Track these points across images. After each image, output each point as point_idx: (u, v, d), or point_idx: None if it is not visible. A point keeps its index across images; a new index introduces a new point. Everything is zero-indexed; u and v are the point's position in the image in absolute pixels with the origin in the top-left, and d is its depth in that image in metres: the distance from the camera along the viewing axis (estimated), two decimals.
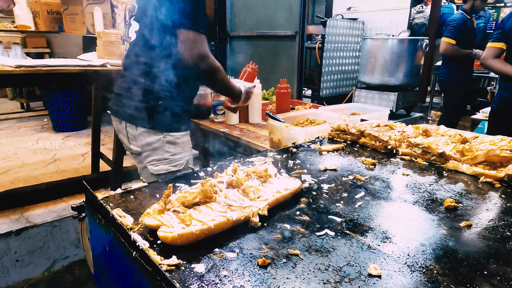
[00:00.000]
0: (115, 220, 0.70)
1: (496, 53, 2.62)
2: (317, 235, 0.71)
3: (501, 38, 2.60)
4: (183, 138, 1.59)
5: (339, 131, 1.37)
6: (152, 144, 1.52)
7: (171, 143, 1.54)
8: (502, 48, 2.61)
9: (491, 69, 2.71)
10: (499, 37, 2.61)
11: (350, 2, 5.01)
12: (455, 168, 1.05)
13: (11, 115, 5.30)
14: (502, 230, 0.73)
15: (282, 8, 3.08)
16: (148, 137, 1.51)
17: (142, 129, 1.51)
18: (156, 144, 1.52)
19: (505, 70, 2.55)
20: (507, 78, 2.57)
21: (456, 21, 3.77)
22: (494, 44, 2.64)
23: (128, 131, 1.55)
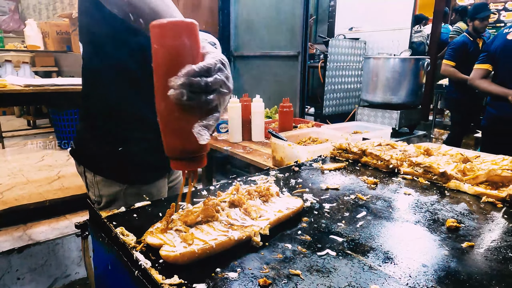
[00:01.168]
0: (118, 239, 0.70)
1: (483, 74, 2.81)
2: (319, 255, 0.71)
3: (486, 60, 2.80)
4: (150, 189, 1.26)
5: (341, 150, 1.38)
6: (111, 196, 1.23)
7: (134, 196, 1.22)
8: (488, 69, 2.79)
9: (478, 89, 2.88)
10: (484, 59, 2.82)
11: (352, 23, 5.11)
12: (457, 187, 1.05)
13: (18, 132, 5.37)
14: (504, 251, 0.73)
15: (285, 29, 3.16)
16: (107, 187, 1.22)
17: (100, 178, 1.22)
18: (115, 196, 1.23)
19: (490, 90, 2.73)
20: (494, 98, 2.74)
21: (456, 44, 3.88)
22: (481, 65, 2.84)
23: (86, 176, 1.25)
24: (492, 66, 2.76)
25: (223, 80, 0.66)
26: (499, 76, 2.71)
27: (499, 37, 2.68)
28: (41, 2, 7.69)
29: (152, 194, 1.27)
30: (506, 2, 6.87)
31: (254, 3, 3.46)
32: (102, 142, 1.21)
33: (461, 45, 3.79)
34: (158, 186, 1.30)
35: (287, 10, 3.09)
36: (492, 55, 2.73)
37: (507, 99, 2.52)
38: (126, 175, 1.22)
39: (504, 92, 2.56)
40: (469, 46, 3.80)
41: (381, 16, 4.70)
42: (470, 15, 3.86)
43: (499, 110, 2.67)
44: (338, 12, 5.37)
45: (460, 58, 3.78)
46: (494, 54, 2.70)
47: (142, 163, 1.22)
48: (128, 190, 1.22)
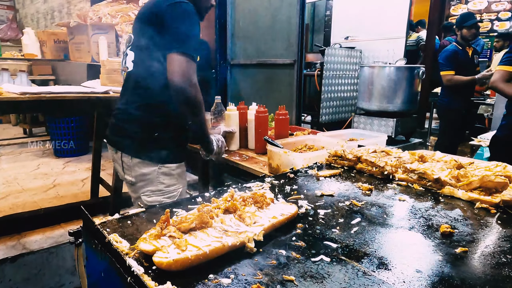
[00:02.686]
0: (111, 245, 0.70)
1: (507, 76, 2.54)
2: (313, 260, 0.71)
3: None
4: (177, 169, 1.57)
5: (336, 157, 1.39)
6: (147, 175, 1.51)
7: (166, 175, 1.53)
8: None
9: (502, 92, 2.61)
10: (509, 60, 2.55)
11: (347, 32, 5.17)
12: (451, 193, 1.05)
13: (13, 140, 5.35)
14: (498, 256, 0.73)
15: (281, 37, 3.19)
16: (143, 167, 1.50)
17: (138, 160, 1.50)
18: (151, 175, 1.51)
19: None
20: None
21: (446, 53, 3.88)
22: (505, 67, 2.56)
23: (123, 160, 1.54)
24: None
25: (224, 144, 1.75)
26: None
27: None
28: (39, 11, 7.74)
29: (180, 174, 1.58)
30: (499, 12, 6.98)
31: (250, 13, 3.49)
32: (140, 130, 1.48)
33: (452, 53, 3.82)
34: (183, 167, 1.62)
35: (283, 19, 3.12)
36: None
37: None
38: (159, 156, 1.49)
39: None
40: (460, 55, 3.83)
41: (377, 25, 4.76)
42: (458, 24, 3.89)
43: None
44: (334, 21, 5.44)
45: (455, 65, 3.80)
46: None
47: (172, 147, 1.52)
48: (161, 169, 1.50)
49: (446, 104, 4.00)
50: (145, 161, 1.50)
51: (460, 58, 3.82)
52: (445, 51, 3.89)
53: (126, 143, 1.53)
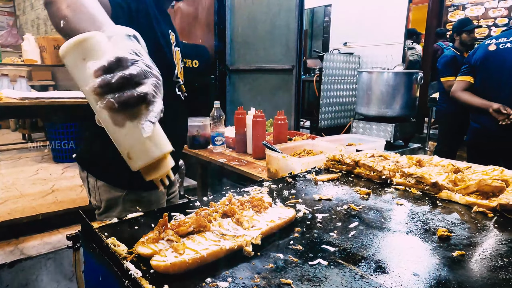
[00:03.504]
0: (109, 249, 0.70)
1: (465, 86, 2.74)
2: (310, 264, 0.71)
3: (468, 72, 2.74)
4: (150, 196, 1.31)
5: (334, 161, 1.39)
6: (111, 200, 1.28)
7: (133, 202, 1.27)
8: (469, 81, 2.73)
9: (459, 101, 2.81)
10: (466, 71, 2.75)
11: (346, 38, 5.21)
12: (449, 197, 1.06)
13: (12, 145, 5.35)
14: (495, 259, 0.73)
15: (280, 43, 3.21)
16: (108, 192, 1.28)
17: (102, 183, 1.27)
18: (115, 201, 1.28)
19: (471, 102, 2.66)
20: (475, 110, 2.67)
21: (445, 59, 3.91)
22: (462, 77, 2.78)
23: (89, 181, 1.31)
24: (473, 78, 2.70)
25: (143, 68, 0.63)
26: (479, 88, 2.66)
27: (481, 49, 2.65)
28: (40, 17, 7.78)
29: (151, 202, 1.30)
30: (496, 18, 7.04)
31: (249, 19, 3.52)
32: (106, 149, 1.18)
33: (452, 59, 3.85)
34: (158, 194, 1.34)
35: (282, 25, 3.15)
36: (472, 66, 2.68)
37: (488, 112, 2.45)
38: (126, 180, 1.25)
39: (485, 104, 2.49)
40: (458, 60, 3.86)
41: (375, 31, 4.81)
42: (457, 30, 3.92)
43: (481, 124, 2.62)
44: (333, 27, 5.49)
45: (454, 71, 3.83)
46: (474, 65, 2.66)
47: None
48: (128, 196, 1.27)
49: (445, 109, 4.02)
50: (110, 185, 1.27)
51: (459, 63, 3.84)
52: (444, 57, 3.92)
53: (92, 162, 1.31)
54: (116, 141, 0.69)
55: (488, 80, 2.60)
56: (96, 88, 0.58)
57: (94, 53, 0.62)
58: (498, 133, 2.49)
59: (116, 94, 0.59)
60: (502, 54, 2.49)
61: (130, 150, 0.68)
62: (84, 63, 0.62)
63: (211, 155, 2.37)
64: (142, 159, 0.69)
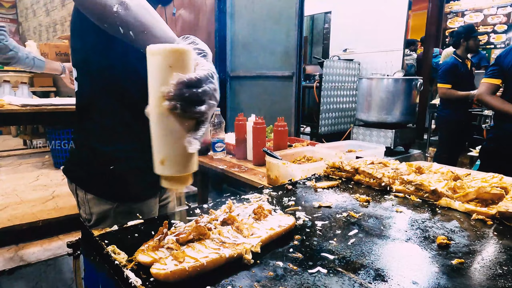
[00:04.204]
0: (109, 257, 0.70)
1: (492, 89, 2.59)
2: (310, 272, 0.71)
3: (498, 74, 2.57)
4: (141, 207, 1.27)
5: (334, 168, 1.40)
6: (101, 214, 1.24)
7: (124, 214, 1.23)
8: (498, 84, 2.58)
9: (488, 105, 2.66)
10: (495, 73, 2.59)
11: (346, 44, 5.25)
12: (448, 205, 1.06)
13: (13, 151, 5.36)
14: (494, 267, 0.74)
15: (280, 50, 3.23)
16: (97, 205, 1.24)
17: (91, 196, 1.23)
18: (105, 214, 1.24)
19: (503, 108, 2.51)
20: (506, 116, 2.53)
21: (445, 66, 3.94)
22: (490, 80, 2.61)
23: (78, 194, 1.27)
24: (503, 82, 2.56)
25: (211, 92, 0.71)
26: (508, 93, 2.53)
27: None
28: (42, 24, 7.84)
29: (143, 213, 1.26)
30: (495, 25, 7.08)
31: (249, 26, 3.55)
32: (94, 161, 1.22)
33: (451, 66, 3.86)
34: (149, 204, 1.31)
35: (282, 32, 3.18)
36: (504, 70, 2.52)
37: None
38: (116, 193, 1.22)
39: None
40: (459, 67, 3.87)
41: (374, 38, 4.84)
42: (465, 36, 3.88)
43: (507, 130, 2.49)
44: (333, 34, 5.53)
45: (453, 79, 3.84)
46: (506, 69, 2.50)
47: (133, 181, 1.21)
48: (118, 208, 1.23)
49: (446, 115, 4.04)
50: (99, 197, 1.23)
51: (459, 71, 3.86)
52: (445, 64, 3.95)
53: (80, 174, 1.26)
54: (156, 144, 0.72)
55: None
56: (170, 95, 0.66)
57: (183, 65, 0.69)
58: None
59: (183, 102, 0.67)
60: None
61: (166, 157, 0.71)
62: (169, 70, 0.67)
63: (211, 162, 2.38)
64: (175, 170, 0.73)
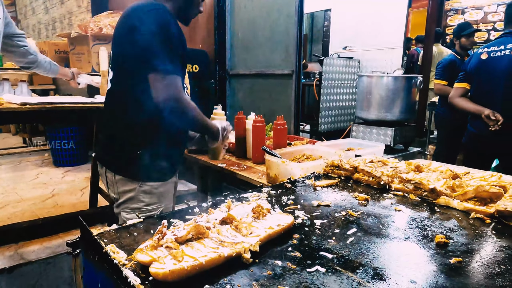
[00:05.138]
0: (108, 256, 0.71)
1: (461, 92, 2.86)
2: (308, 271, 0.71)
3: (464, 79, 2.84)
4: (160, 188, 1.53)
5: (333, 167, 1.40)
6: (128, 193, 1.49)
7: (147, 193, 1.50)
8: (466, 88, 2.84)
9: (456, 107, 2.93)
10: (462, 78, 2.87)
11: (346, 42, 5.23)
12: (447, 203, 1.06)
13: (13, 150, 5.35)
14: (492, 266, 0.74)
15: (279, 48, 3.22)
16: (124, 185, 1.49)
17: (119, 177, 1.49)
18: (132, 193, 1.49)
19: (467, 108, 2.77)
20: (471, 115, 2.78)
21: (443, 63, 3.96)
22: (459, 84, 2.90)
23: (107, 176, 1.53)
24: (469, 85, 2.82)
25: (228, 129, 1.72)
26: (474, 95, 2.78)
27: (474, 57, 2.76)
28: (41, 22, 7.82)
29: (162, 193, 1.53)
30: (495, 23, 7.06)
31: (249, 23, 3.54)
32: (122, 148, 1.48)
33: (449, 63, 3.87)
34: (167, 185, 1.57)
35: (281, 30, 3.16)
36: (468, 74, 2.80)
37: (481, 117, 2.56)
38: (140, 174, 1.47)
39: (479, 110, 2.60)
40: (457, 64, 3.86)
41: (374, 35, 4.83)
42: (456, 34, 3.95)
43: (476, 128, 2.72)
44: (333, 31, 5.51)
45: (450, 76, 3.84)
46: (470, 73, 2.78)
47: (154, 165, 1.46)
48: (142, 187, 1.48)
49: (444, 113, 4.03)
50: (126, 178, 1.48)
51: (456, 68, 3.85)
52: (443, 61, 3.96)
53: (109, 159, 1.53)
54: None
55: (481, 87, 2.72)
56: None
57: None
58: (490, 138, 2.60)
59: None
60: (493, 63, 2.60)
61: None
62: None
63: (210, 160, 2.38)
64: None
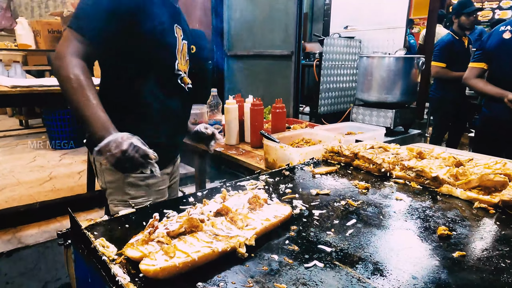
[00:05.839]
0: (97, 252, 0.68)
1: (477, 72, 2.69)
2: (306, 266, 0.68)
3: (482, 58, 2.66)
4: (146, 180, 1.37)
5: (333, 153, 1.36)
6: (113, 183, 1.37)
7: (132, 185, 1.36)
8: (483, 68, 2.66)
9: (473, 89, 2.78)
10: (479, 57, 2.68)
11: (347, 21, 5.09)
12: (449, 192, 1.03)
13: (9, 132, 5.30)
14: (496, 261, 0.71)
15: (279, 28, 3.12)
16: (110, 174, 1.37)
17: (105, 166, 1.36)
18: (117, 184, 1.37)
19: (486, 90, 2.60)
20: (489, 98, 2.63)
21: (440, 44, 3.78)
22: (475, 64, 2.71)
23: (95, 164, 1.43)
24: (487, 65, 2.64)
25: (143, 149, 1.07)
26: (493, 76, 2.61)
27: (495, 35, 2.56)
28: (34, 0, 7.59)
29: (150, 186, 1.38)
30: (501, 1, 6.88)
31: (247, 2, 3.42)
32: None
33: (447, 44, 3.72)
34: (157, 178, 1.39)
35: (280, 9, 3.06)
36: (487, 53, 2.61)
37: (502, 101, 2.42)
38: None
39: (500, 93, 2.45)
40: (455, 45, 3.74)
41: (376, 15, 4.68)
42: (456, 12, 3.76)
43: (493, 111, 2.58)
44: (333, 10, 5.34)
45: (448, 57, 3.72)
46: (489, 52, 2.59)
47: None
48: (127, 179, 1.34)
49: (439, 97, 3.95)
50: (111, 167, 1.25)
51: (455, 48, 3.74)
52: (441, 41, 3.81)
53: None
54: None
55: (502, 68, 2.54)
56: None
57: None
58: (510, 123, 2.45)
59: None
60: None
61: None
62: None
63: None
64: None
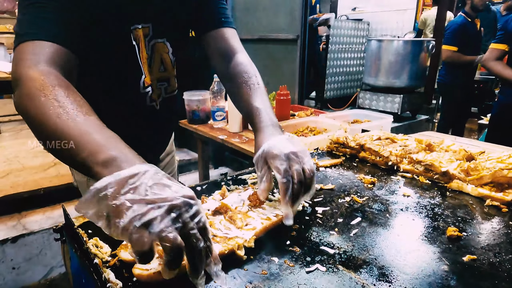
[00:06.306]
0: (89, 254, 0.65)
1: (498, 55, 2.55)
2: (307, 271, 0.65)
3: (503, 39, 2.52)
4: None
5: (338, 144, 1.31)
6: (81, 185, 1.27)
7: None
8: (504, 50, 2.53)
9: (491, 71, 2.66)
10: (501, 38, 2.54)
11: (355, 3, 4.94)
12: (460, 188, 0.98)
13: (14, 117, 5.30)
14: (509, 265, 0.67)
15: (284, 11, 3.02)
16: (77, 174, 1.27)
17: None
18: (82, 186, 1.26)
19: (504, 74, 2.48)
20: (506, 82, 2.50)
21: (453, 26, 3.59)
22: (497, 45, 2.57)
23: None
24: (509, 47, 2.52)
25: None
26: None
27: None
28: None
29: None
30: None
31: None
32: None
33: (460, 27, 3.55)
34: None
35: None
36: (509, 34, 2.48)
37: None
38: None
39: None
40: (468, 28, 3.57)
41: None
42: None
43: (509, 98, 2.47)
44: None
45: (461, 41, 3.57)
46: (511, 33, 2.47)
47: None
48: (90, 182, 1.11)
49: (448, 81, 3.83)
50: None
51: (467, 31, 3.58)
52: (453, 24, 3.64)
53: None
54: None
55: None
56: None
57: None
58: None
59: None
60: None
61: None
62: None
63: (211, 131, 2.30)
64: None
